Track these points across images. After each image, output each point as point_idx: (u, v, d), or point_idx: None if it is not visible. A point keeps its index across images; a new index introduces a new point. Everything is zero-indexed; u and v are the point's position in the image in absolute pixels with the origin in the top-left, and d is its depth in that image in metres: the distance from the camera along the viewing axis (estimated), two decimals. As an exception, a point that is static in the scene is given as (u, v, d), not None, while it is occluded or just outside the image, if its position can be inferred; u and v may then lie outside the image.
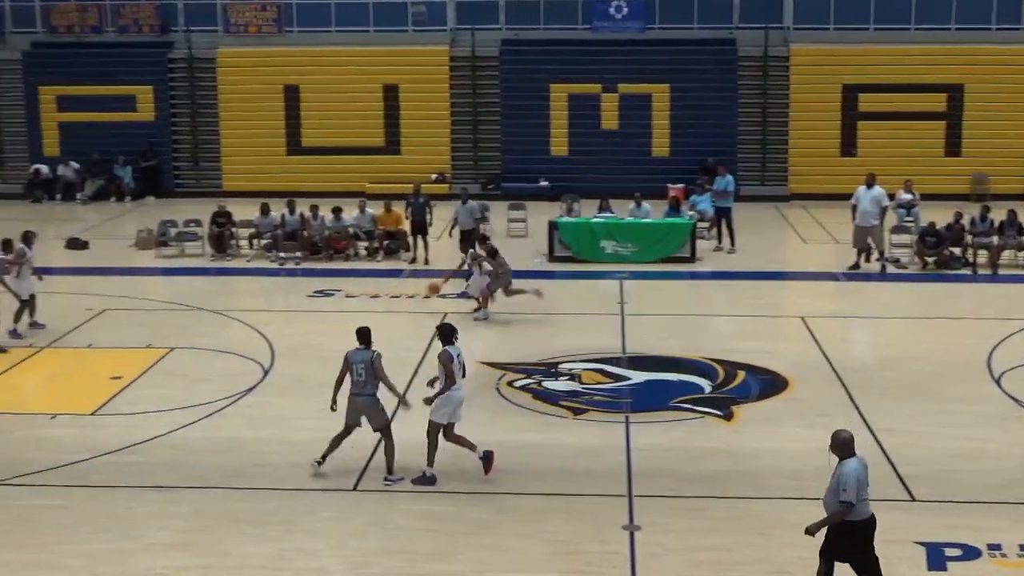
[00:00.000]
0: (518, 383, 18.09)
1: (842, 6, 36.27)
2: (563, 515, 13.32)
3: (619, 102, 36.03)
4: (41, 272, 21.69)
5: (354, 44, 36.94)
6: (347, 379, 14.35)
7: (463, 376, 14.61)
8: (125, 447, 15.45)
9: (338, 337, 21.25)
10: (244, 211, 28.78)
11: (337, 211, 27.63)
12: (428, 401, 14.38)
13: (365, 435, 14.53)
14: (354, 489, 14.08)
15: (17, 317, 20.71)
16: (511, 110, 36.28)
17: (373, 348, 14.46)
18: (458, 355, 14.47)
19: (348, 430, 14.41)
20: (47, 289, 22.01)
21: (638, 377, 18.43)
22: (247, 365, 19.04)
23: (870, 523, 10.94)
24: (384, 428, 14.42)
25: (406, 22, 37.33)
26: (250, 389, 17.90)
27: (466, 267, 22.70)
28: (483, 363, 19.02)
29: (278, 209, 27.96)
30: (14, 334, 20.49)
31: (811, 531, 10.91)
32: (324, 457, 14.41)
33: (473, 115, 36.66)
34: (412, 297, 23.68)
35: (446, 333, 14.71)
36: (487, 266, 21.98)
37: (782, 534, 12.74)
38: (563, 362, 19.09)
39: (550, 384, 18.06)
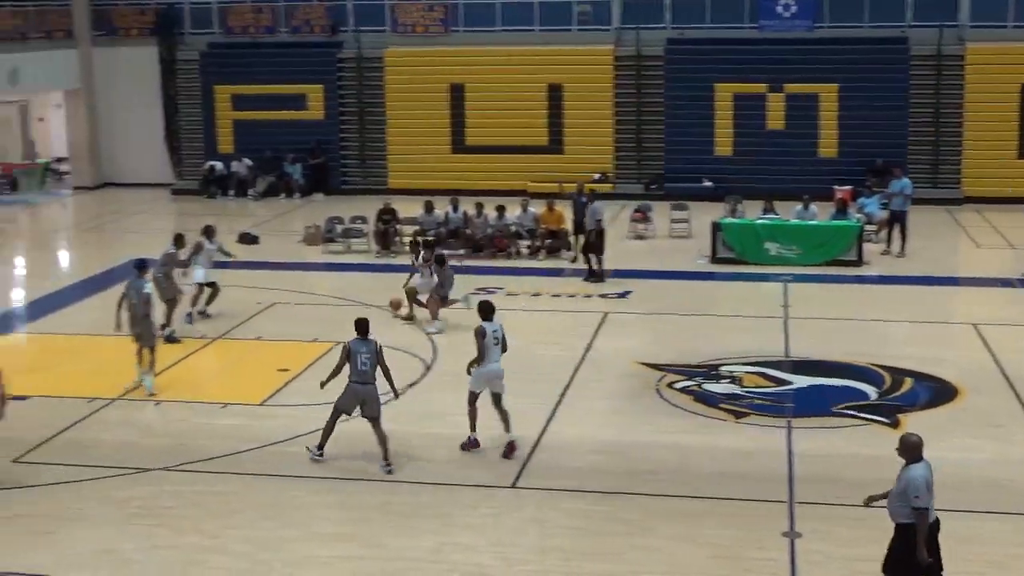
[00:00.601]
0: (678, 385, 17.96)
1: (1022, 3, 35.02)
2: (722, 519, 13.19)
3: (785, 102, 35.43)
4: (214, 265, 22.33)
5: (519, 43, 37.12)
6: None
7: (503, 351, 15.04)
8: (291, 438, 15.84)
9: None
10: (409, 208, 29.20)
11: (500, 209, 27.84)
12: (468, 371, 15.06)
13: (522, 435, 14.59)
14: (512, 486, 14.16)
15: (194, 301, 21.65)
16: (675, 110, 35.98)
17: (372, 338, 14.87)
18: (494, 331, 14.87)
19: (338, 414, 14.80)
20: (218, 282, 22.69)
21: (801, 381, 18.13)
22: (410, 360, 19.30)
23: (935, 526, 10.75)
24: (377, 418, 14.69)
25: (571, 22, 37.37)
26: (412, 384, 18.15)
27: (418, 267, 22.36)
28: (643, 364, 18.94)
29: (442, 207, 28.32)
30: (188, 318, 21.40)
31: (920, 558, 10.53)
32: (321, 447, 14.82)
33: (637, 115, 36.49)
34: (573, 296, 23.70)
35: (485, 310, 15.13)
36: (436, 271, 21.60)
37: (947, 547, 12.31)
38: (724, 365, 18.89)
39: (710, 386, 17.89)
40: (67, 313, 23.03)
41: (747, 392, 17.63)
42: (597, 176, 35.45)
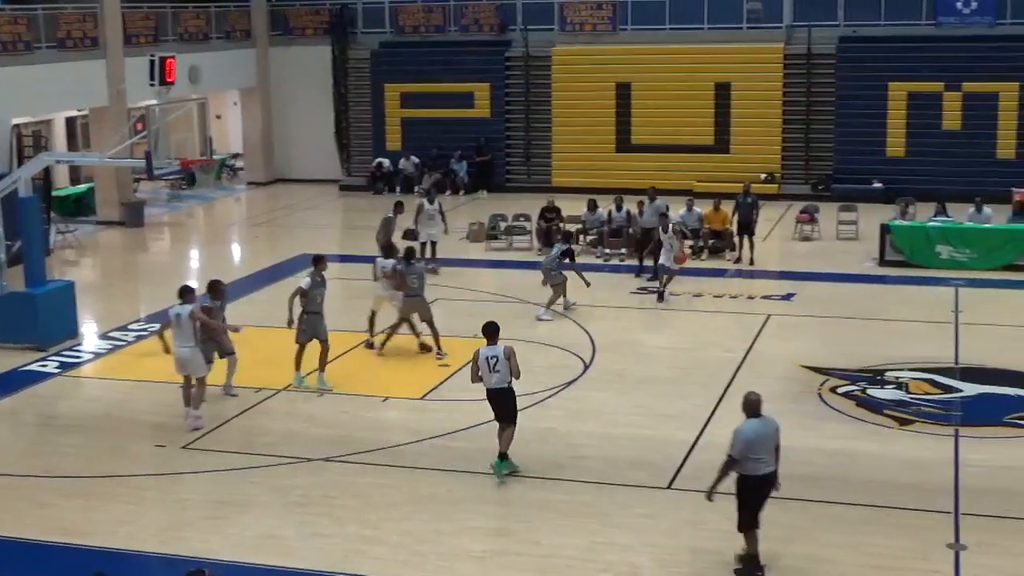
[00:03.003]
0: (841, 389, 17.58)
1: None
2: (885, 528, 12.88)
3: (962, 101, 34.34)
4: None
5: (687, 42, 36.83)
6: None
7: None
8: (449, 432, 16.02)
9: (658, 334, 21.45)
10: (572, 207, 29.24)
11: (663, 211, 27.58)
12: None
13: (681, 437, 14.48)
14: (668, 487, 14.06)
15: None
16: (846, 109, 35.24)
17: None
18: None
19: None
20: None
21: (971, 389, 17.56)
22: (569, 358, 19.35)
23: (758, 481, 11.66)
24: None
25: (741, 19, 36.91)
26: (571, 382, 18.19)
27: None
28: (805, 367, 18.61)
29: (606, 206, 28.28)
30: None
31: (708, 492, 11.86)
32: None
33: (806, 114, 35.85)
34: (735, 297, 23.42)
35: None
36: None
37: (1124, 566, 11.86)
38: (890, 370, 18.42)
39: (875, 392, 17.47)
40: (237, 305, 23.62)
41: (913, 399, 17.16)
42: (764, 176, 34.96)
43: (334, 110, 40.17)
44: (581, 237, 28.33)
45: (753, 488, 11.75)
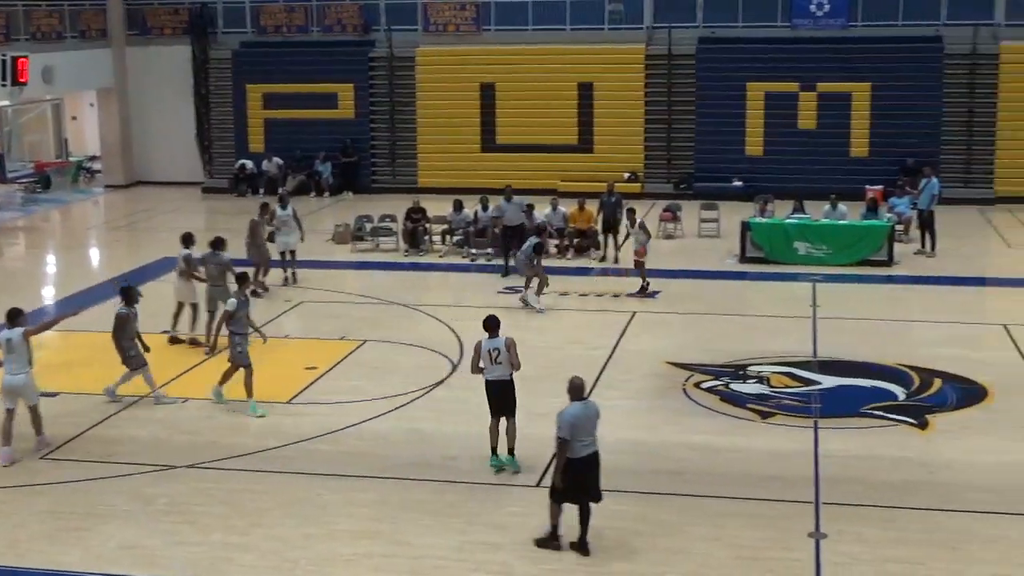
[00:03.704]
0: (705, 384, 17.91)
1: (1057, 1, 34.77)
2: (748, 520, 13.15)
3: (817, 101, 35.26)
4: (237, 264, 22.42)
5: (550, 42, 37.09)
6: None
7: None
8: (318, 436, 15.90)
9: (525, 333, 21.51)
10: (438, 207, 29.24)
11: (529, 208, 27.77)
12: None
13: (549, 434, 14.54)
14: (537, 485, 14.14)
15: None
16: (706, 109, 35.88)
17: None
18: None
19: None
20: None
21: (829, 382, 18.04)
22: (437, 359, 19.35)
23: (578, 463, 12.12)
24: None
25: (602, 21, 37.29)
26: (439, 383, 18.19)
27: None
28: (670, 363, 18.91)
29: (471, 206, 28.34)
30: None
31: (554, 480, 12.28)
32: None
33: (667, 114, 36.40)
34: (601, 296, 23.66)
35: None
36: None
37: (976, 549, 12.31)
38: (752, 365, 18.82)
39: (738, 386, 17.83)
40: (98, 311, 23.14)
41: (775, 392, 17.56)
42: (627, 175, 35.41)
43: (195, 111, 39.50)
44: (447, 237, 28.36)
45: (573, 469, 12.16)
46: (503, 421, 14.60)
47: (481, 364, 14.52)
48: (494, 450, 14.59)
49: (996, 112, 34.59)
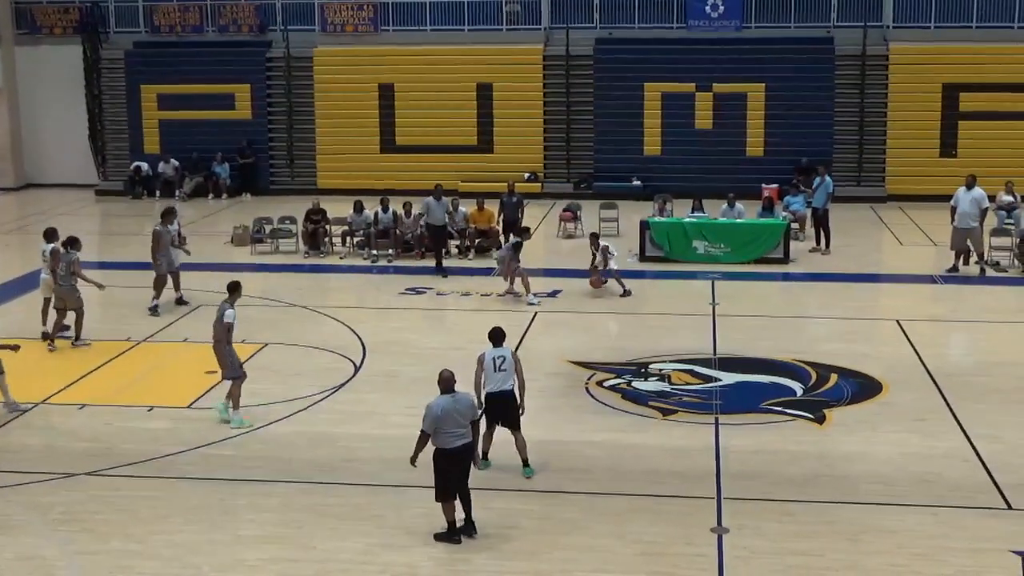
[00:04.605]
0: (607, 383, 18.03)
1: (943, 4, 35.61)
2: (651, 516, 13.26)
3: (713, 101, 35.75)
4: (139, 266, 22.15)
5: (448, 43, 37.11)
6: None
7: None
8: (219, 440, 15.70)
9: (428, 334, 21.54)
10: (338, 209, 29.06)
11: (454, 207, 27.68)
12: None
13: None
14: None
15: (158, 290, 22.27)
16: (604, 109, 36.18)
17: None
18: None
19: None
20: (143, 284, 22.47)
21: (729, 378, 18.27)
22: (339, 361, 19.23)
23: (449, 454, 12.46)
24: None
25: (501, 21, 37.42)
26: (342, 385, 18.08)
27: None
28: (572, 362, 19.01)
29: (372, 207, 28.20)
30: (153, 310, 21.94)
31: (411, 460, 12.74)
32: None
33: (566, 114, 36.62)
34: (503, 295, 23.70)
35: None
36: None
37: (873, 540, 12.56)
38: (653, 362, 18.99)
39: (639, 384, 17.98)
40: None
41: (675, 389, 17.74)
42: (527, 176, 35.54)
43: (87, 112, 38.78)
44: (347, 239, 28.19)
45: (444, 460, 12.50)
46: (498, 430, 14.50)
47: (483, 377, 14.30)
48: (485, 454, 14.43)
49: (886, 112, 35.39)
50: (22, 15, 39.27)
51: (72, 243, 20.67)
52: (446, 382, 12.70)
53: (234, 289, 17.17)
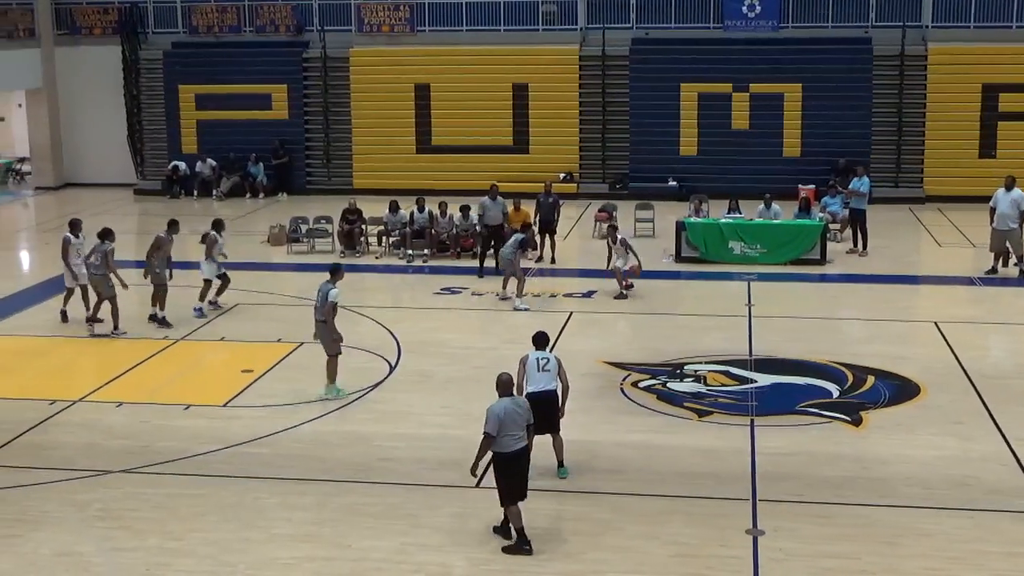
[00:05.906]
0: (642, 384, 17.99)
1: (983, 4, 35.31)
2: (685, 518, 13.22)
3: (750, 102, 35.59)
4: (176, 266, 22.27)
5: (485, 43, 37.10)
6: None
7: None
8: (254, 439, 15.78)
9: (464, 334, 21.55)
10: (374, 209, 29.12)
11: (465, 209, 27.77)
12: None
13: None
14: (477, 486, 14.11)
15: (203, 295, 22.33)
16: (640, 109, 36.08)
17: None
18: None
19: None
20: (182, 283, 22.60)
21: (764, 380, 18.19)
22: (374, 361, 19.28)
23: (509, 457, 12.31)
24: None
25: (537, 22, 37.39)
26: (377, 384, 18.12)
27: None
28: (607, 363, 18.98)
29: (407, 207, 28.25)
30: (198, 312, 22.05)
31: (472, 468, 12.55)
32: None
33: (602, 114, 36.55)
34: (538, 295, 23.68)
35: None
36: None
37: (910, 543, 12.47)
38: (688, 363, 18.94)
39: (674, 385, 17.93)
40: (28, 314, 22.85)
41: (711, 391, 17.68)
42: (563, 176, 35.50)
43: (126, 112, 39.04)
44: (383, 239, 28.26)
45: (506, 464, 12.37)
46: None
47: (525, 377, 14.21)
48: (561, 463, 14.46)
49: (925, 112, 35.12)
50: (62, 16, 39.61)
51: (106, 235, 21.10)
52: (505, 385, 12.59)
53: (335, 271, 17.67)
